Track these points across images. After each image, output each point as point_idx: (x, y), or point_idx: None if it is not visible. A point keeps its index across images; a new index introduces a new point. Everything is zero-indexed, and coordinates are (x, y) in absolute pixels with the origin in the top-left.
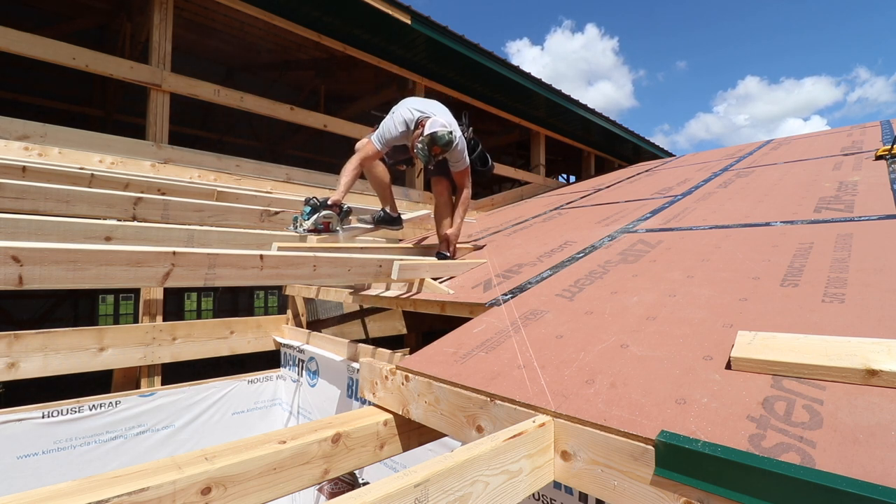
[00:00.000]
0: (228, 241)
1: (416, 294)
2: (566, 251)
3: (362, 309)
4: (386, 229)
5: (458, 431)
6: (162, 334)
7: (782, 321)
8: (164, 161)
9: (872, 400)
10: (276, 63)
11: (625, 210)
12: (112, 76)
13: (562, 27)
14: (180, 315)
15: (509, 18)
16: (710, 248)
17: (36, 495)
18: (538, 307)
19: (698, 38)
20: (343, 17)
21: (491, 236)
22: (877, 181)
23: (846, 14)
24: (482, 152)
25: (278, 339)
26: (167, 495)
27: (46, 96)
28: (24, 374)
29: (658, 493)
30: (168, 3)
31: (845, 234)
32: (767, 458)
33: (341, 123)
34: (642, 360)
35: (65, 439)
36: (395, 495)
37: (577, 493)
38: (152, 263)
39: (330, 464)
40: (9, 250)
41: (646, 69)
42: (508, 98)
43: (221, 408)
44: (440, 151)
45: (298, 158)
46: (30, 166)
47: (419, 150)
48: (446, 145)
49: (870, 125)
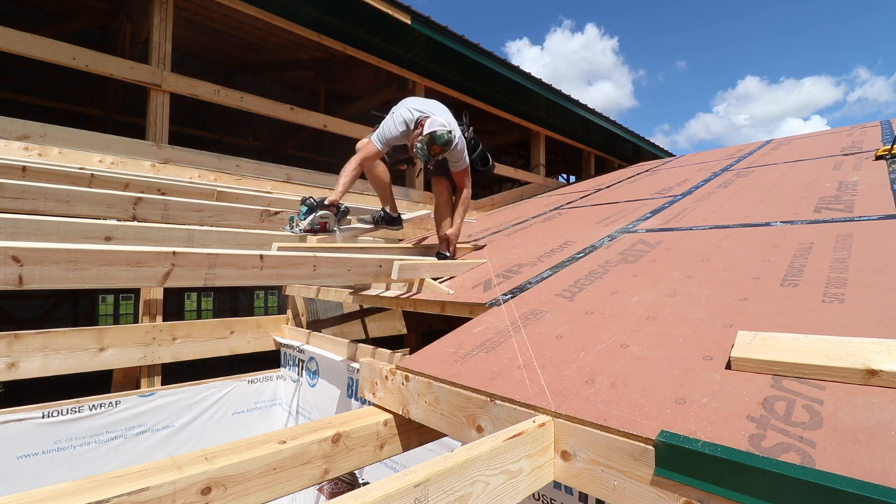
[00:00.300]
0: (228, 241)
1: (416, 294)
2: (566, 251)
3: (362, 309)
4: (386, 229)
5: (458, 431)
6: (162, 334)
7: (782, 321)
8: (164, 161)
9: (872, 400)
10: (276, 63)
11: (625, 210)
12: (112, 76)
13: (561, 27)
14: (180, 315)
15: (509, 18)
16: (710, 248)
17: (36, 495)
18: (538, 307)
19: (698, 37)
20: (343, 17)
21: (491, 236)
22: (877, 181)
23: (846, 14)
24: (483, 152)
25: (278, 339)
26: (167, 495)
27: (46, 96)
28: (24, 374)
29: (658, 493)
30: (168, 3)
31: (845, 234)
32: (767, 458)
33: (341, 123)
34: (642, 360)
35: (65, 439)
36: (395, 495)
37: (577, 493)
38: (152, 263)
39: (330, 464)
40: (9, 250)
41: (646, 69)
42: (508, 98)
43: (221, 408)
44: (439, 151)
45: (298, 158)
46: (30, 166)
47: (418, 149)
48: (445, 144)
49: (870, 125)
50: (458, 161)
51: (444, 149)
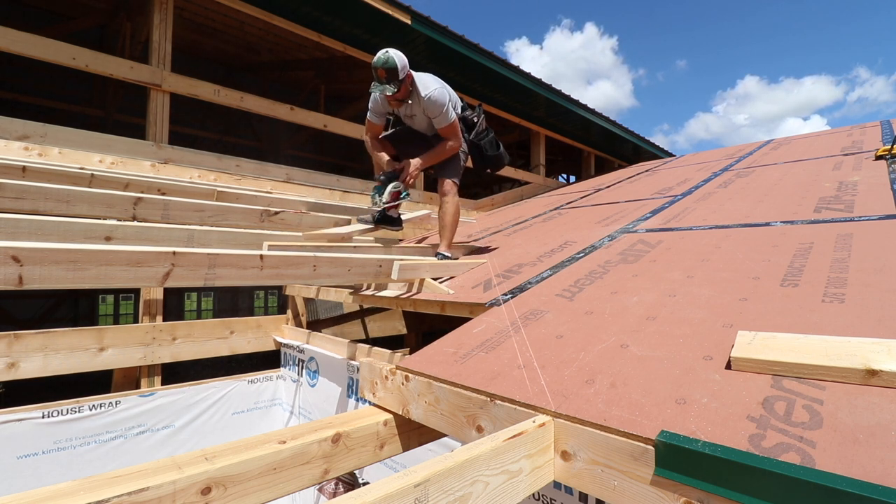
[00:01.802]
0: (228, 241)
1: (416, 294)
2: (566, 251)
3: (362, 309)
4: (386, 229)
5: (458, 431)
6: (162, 334)
7: (782, 321)
8: (164, 161)
9: (872, 400)
10: (276, 63)
11: (625, 210)
12: (112, 76)
13: (561, 26)
14: (180, 315)
15: (508, 18)
16: (710, 248)
17: (36, 495)
18: (538, 307)
19: (698, 37)
20: (343, 17)
21: (491, 236)
22: (877, 181)
23: (846, 14)
24: (493, 138)
25: (278, 339)
26: (167, 495)
27: (46, 96)
28: (24, 374)
29: (658, 493)
30: (168, 3)
31: (845, 234)
32: (767, 458)
33: (341, 123)
34: (642, 360)
35: (65, 439)
36: (395, 495)
37: (577, 493)
38: (152, 263)
39: (330, 464)
40: (9, 250)
41: (645, 68)
42: (508, 98)
43: (221, 408)
44: (384, 74)
45: (298, 158)
46: (30, 166)
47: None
48: (383, 65)
49: (870, 125)
50: (439, 116)
51: (386, 71)
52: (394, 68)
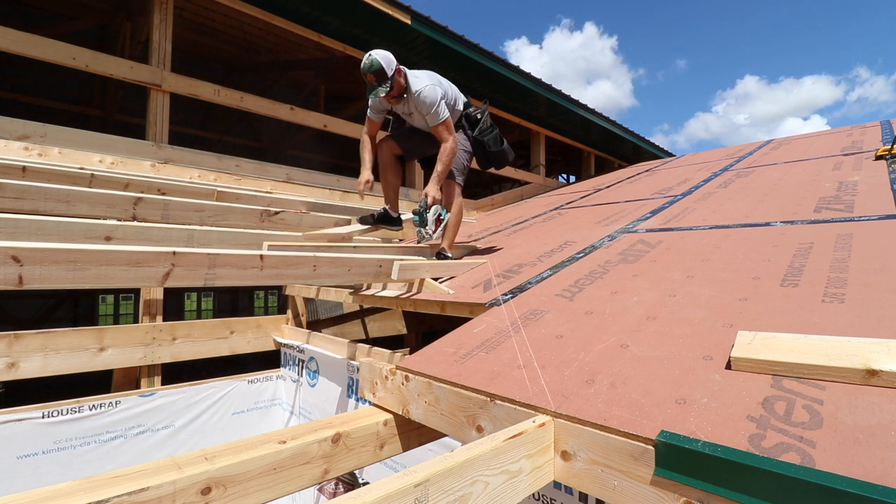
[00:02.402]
0: (229, 241)
1: (416, 294)
2: (566, 251)
3: (362, 309)
4: (385, 229)
5: (458, 431)
6: (162, 334)
7: (782, 321)
8: (164, 161)
9: (872, 400)
10: (276, 63)
11: (625, 210)
12: (112, 76)
13: (560, 26)
14: (180, 315)
15: (508, 18)
16: (710, 248)
17: (36, 495)
18: (538, 307)
19: (698, 37)
20: (343, 17)
21: (491, 236)
22: (877, 181)
23: (846, 14)
24: (497, 135)
25: (278, 339)
26: (167, 495)
27: (46, 96)
28: (24, 374)
29: (658, 493)
30: (168, 3)
31: (845, 234)
32: (767, 458)
33: (341, 123)
34: (642, 360)
35: (65, 439)
36: (395, 495)
37: (577, 493)
38: (152, 263)
39: (330, 464)
40: (9, 250)
41: (645, 68)
42: (508, 98)
43: (221, 408)
44: (374, 79)
45: (298, 158)
46: (30, 166)
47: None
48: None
49: (870, 125)
50: (430, 113)
51: (374, 75)
52: (380, 69)
